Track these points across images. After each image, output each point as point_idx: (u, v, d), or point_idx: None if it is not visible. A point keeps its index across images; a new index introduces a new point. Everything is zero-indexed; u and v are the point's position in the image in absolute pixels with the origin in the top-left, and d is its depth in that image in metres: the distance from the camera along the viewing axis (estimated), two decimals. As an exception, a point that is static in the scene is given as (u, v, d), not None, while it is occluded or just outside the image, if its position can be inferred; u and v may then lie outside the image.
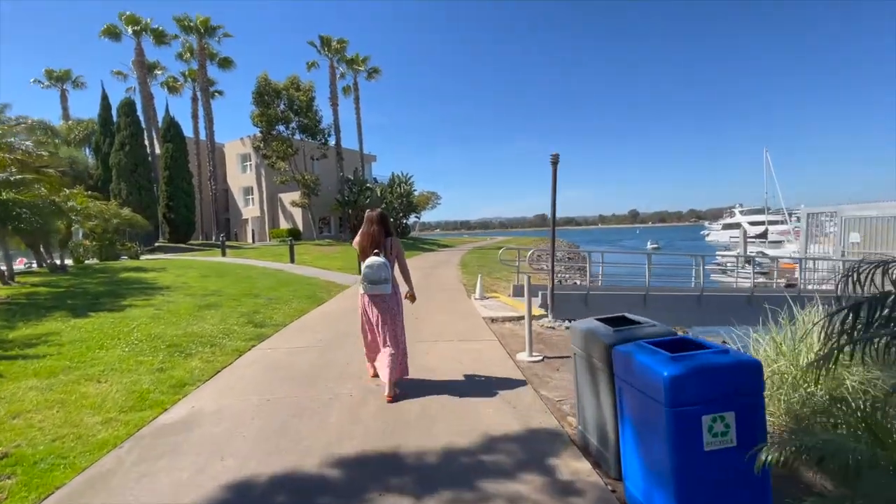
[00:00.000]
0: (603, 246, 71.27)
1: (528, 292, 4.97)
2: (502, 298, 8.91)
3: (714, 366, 1.99)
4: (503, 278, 13.56)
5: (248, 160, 37.32)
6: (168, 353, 5.01)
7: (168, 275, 11.51)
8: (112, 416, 3.40)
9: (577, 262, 28.58)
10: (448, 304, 8.30)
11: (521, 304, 7.98)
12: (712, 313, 8.74)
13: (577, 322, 3.01)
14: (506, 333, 6.06)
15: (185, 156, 26.81)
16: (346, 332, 6.09)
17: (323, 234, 35.38)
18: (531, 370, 4.51)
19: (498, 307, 7.86)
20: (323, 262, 17.85)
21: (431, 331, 6.05)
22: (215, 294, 8.90)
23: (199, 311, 7.22)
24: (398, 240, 4.08)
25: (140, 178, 24.20)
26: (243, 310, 7.50)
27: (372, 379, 4.14)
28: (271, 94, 29.17)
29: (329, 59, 32.25)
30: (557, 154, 6.39)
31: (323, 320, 7.03)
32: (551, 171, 6.45)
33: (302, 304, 8.34)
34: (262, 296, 9.01)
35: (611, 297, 8.34)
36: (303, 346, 5.43)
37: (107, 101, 26.99)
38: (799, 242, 32.82)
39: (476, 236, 75.48)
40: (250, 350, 5.29)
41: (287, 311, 7.66)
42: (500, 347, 5.26)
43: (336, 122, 32.58)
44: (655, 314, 8.10)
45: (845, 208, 11.84)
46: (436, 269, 15.93)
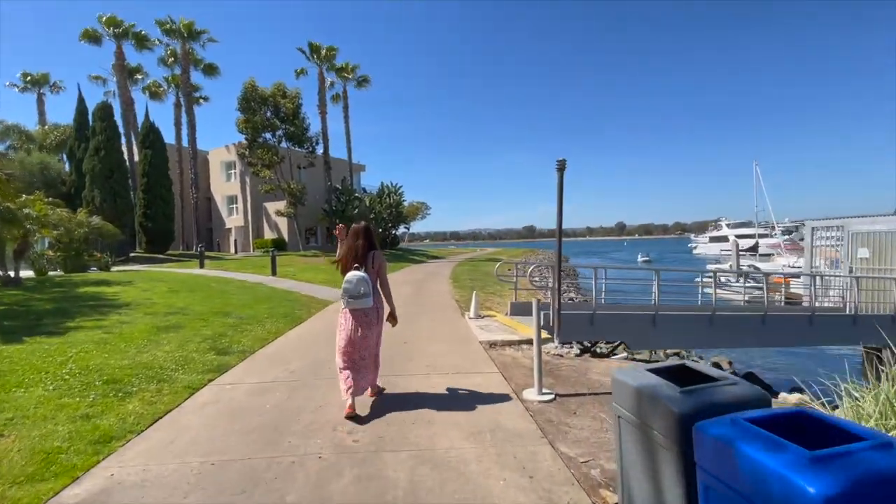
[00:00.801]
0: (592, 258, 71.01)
1: (538, 318, 4.21)
2: (499, 318, 8.16)
3: (888, 475, 1.24)
4: (496, 293, 12.83)
5: (233, 168, 36.30)
6: (103, 391, 4.12)
7: (133, 289, 10.51)
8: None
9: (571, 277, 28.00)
10: (441, 326, 7.51)
11: (521, 325, 7.24)
12: (725, 334, 8.10)
13: (625, 372, 2.25)
14: (508, 363, 5.29)
15: (164, 162, 25.74)
16: (324, 360, 5.26)
17: (309, 245, 34.35)
18: (543, 414, 3.74)
19: (496, 328, 7.10)
20: (307, 274, 16.93)
21: (423, 360, 5.25)
22: (180, 313, 7.98)
23: (156, 335, 6.31)
24: (381, 254, 3.91)
25: (115, 184, 23.05)
26: (208, 332, 6.61)
27: (348, 433, 3.32)
28: (257, 101, 28.36)
29: (318, 67, 31.61)
30: (564, 160, 5.71)
31: (298, 345, 6.18)
32: (557, 178, 5.76)
33: (277, 325, 7.47)
34: (234, 314, 8.11)
35: (618, 317, 7.64)
36: (269, 380, 4.59)
37: (83, 104, 25.89)
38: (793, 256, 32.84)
39: (465, 247, 74.93)
40: (206, 386, 4.43)
41: (259, 333, 6.78)
42: (503, 382, 4.48)
43: (324, 131, 31.84)
44: (665, 336, 7.42)
45: (852, 222, 11.41)
46: (426, 282, 15.13)
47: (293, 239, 32.59)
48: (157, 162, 25.08)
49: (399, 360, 5.17)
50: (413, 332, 6.83)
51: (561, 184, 5.75)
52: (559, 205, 5.79)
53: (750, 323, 8.29)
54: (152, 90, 32.34)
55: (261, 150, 28.38)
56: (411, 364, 5.10)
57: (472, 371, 4.85)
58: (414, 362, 5.17)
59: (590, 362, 5.50)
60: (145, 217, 24.77)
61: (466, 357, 5.43)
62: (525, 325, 7.24)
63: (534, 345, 4.23)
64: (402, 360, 5.24)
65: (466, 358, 5.38)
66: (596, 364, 5.43)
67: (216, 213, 37.89)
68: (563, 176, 5.75)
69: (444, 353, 5.62)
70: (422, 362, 5.17)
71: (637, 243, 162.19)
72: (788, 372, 11.37)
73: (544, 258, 42.07)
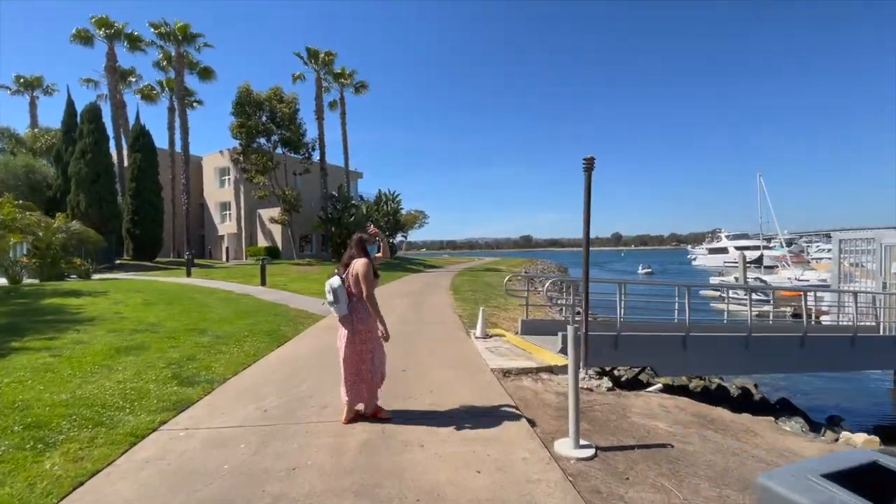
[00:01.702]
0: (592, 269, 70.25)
1: (576, 349, 3.34)
2: (509, 337, 7.28)
3: None
4: (501, 307, 11.95)
5: (227, 174, 35.48)
6: (19, 441, 3.22)
7: (104, 301, 9.58)
8: None
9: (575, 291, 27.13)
10: (444, 347, 6.61)
11: (535, 347, 6.36)
12: (762, 358, 7.24)
13: (780, 479, 1.38)
14: (528, 399, 4.40)
15: (154, 167, 24.88)
16: (307, 394, 4.36)
17: (304, 253, 33.42)
18: (587, 480, 2.86)
19: (508, 351, 6.21)
20: (299, 284, 16.01)
21: (425, 396, 4.35)
22: (149, 330, 7.06)
23: (112, 359, 5.39)
24: (362, 262, 3.57)
25: (102, 189, 22.13)
26: (175, 355, 5.69)
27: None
28: (252, 105, 27.63)
29: (316, 72, 30.99)
30: (592, 158, 4.90)
31: (279, 372, 5.27)
32: (584, 178, 4.94)
33: (257, 344, 6.55)
34: (210, 332, 7.19)
35: (644, 339, 6.78)
36: (235, 424, 3.68)
37: (72, 107, 25.10)
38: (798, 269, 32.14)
39: (462, 256, 74.00)
40: (154, 432, 3.52)
41: (234, 356, 5.87)
42: (527, 429, 3.60)
43: (321, 137, 31.13)
44: (697, 359, 6.55)
45: (884, 233, 10.63)
46: (425, 294, 14.23)
47: (287, 247, 31.67)
48: (147, 166, 24.22)
49: (396, 395, 4.28)
50: (412, 355, 5.94)
51: (589, 185, 4.93)
52: (586, 209, 4.96)
53: (787, 345, 7.45)
54: (145, 93, 31.60)
55: (255, 156, 27.59)
56: (411, 401, 4.20)
57: (486, 412, 3.96)
58: (414, 399, 4.27)
59: (626, 398, 4.62)
60: (133, 223, 23.83)
61: (477, 390, 4.54)
62: (539, 348, 6.37)
63: (569, 382, 3.36)
64: (400, 394, 4.35)
65: (477, 392, 4.49)
66: (633, 401, 4.55)
67: (209, 219, 36.98)
68: (591, 176, 4.93)
69: (451, 384, 4.73)
70: (424, 399, 4.27)
71: (634, 254, 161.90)
72: (819, 395, 10.51)
73: (544, 268, 41.27)
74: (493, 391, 4.54)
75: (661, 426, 3.82)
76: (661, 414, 4.17)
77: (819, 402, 9.98)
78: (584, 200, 4.94)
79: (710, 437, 3.64)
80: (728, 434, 3.78)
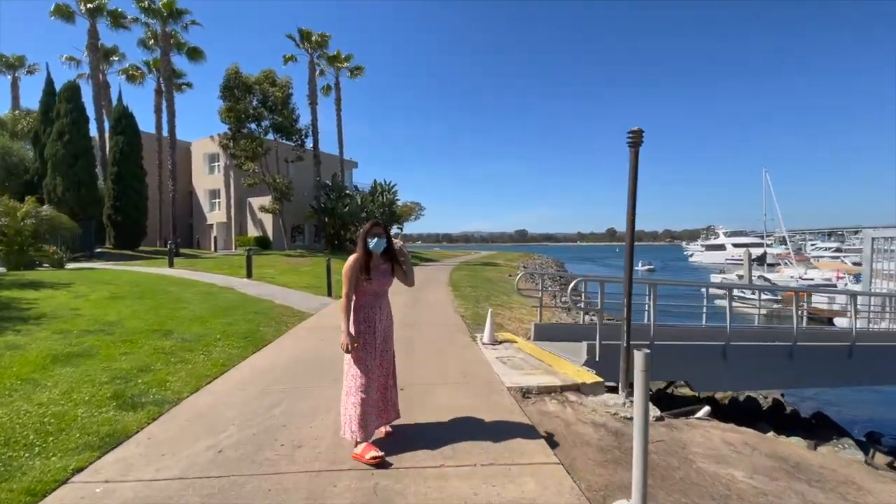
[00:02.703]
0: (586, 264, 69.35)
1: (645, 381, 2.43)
2: (521, 344, 6.37)
3: None
4: (505, 305, 11.06)
5: (216, 160, 34.18)
6: None
7: (64, 295, 8.56)
8: None
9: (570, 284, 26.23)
10: (447, 357, 5.68)
11: (552, 356, 5.46)
12: (808, 370, 6.40)
13: None
14: (560, 431, 3.49)
15: (137, 150, 23.59)
16: (280, 424, 3.43)
17: (296, 244, 32.34)
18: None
19: (522, 363, 5.30)
20: (288, 277, 15.00)
21: (429, 431, 3.42)
22: (103, 331, 6.07)
23: (43, 370, 4.41)
24: (351, 258, 3.05)
25: (80, 172, 20.87)
26: (125, 365, 4.72)
27: None
28: (241, 88, 26.33)
29: (308, 55, 29.65)
30: (640, 131, 3.95)
31: (248, 390, 4.32)
32: (630, 156, 4.00)
33: (229, 350, 5.59)
34: (176, 333, 6.22)
35: (680, 349, 5.89)
36: (175, 476, 2.73)
37: (51, 86, 23.68)
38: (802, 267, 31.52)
39: (458, 250, 73.00)
40: (60, 488, 2.56)
41: (199, 366, 4.91)
42: (566, 484, 2.68)
43: (314, 123, 29.86)
44: (738, 372, 5.63)
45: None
46: (422, 291, 13.29)
47: (278, 237, 30.55)
48: (130, 150, 22.94)
49: (394, 428, 3.35)
50: (412, 367, 5.01)
51: (635, 164, 3.99)
52: (631, 193, 4.02)
53: (834, 355, 6.61)
54: (130, 74, 30.13)
55: (244, 141, 26.35)
56: (414, 437, 3.27)
57: (509, 454, 3.03)
58: (416, 433, 3.34)
59: (680, 431, 3.72)
60: (114, 209, 22.59)
61: (494, 420, 3.61)
62: (559, 358, 5.46)
63: (636, 427, 2.44)
64: (399, 427, 3.42)
65: (494, 422, 3.57)
66: (690, 435, 3.65)
67: (197, 207, 35.71)
68: (637, 153, 3.99)
69: (459, 408, 3.81)
70: (426, 432, 3.34)
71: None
72: (847, 405, 9.73)
73: (542, 263, 40.42)
74: (512, 420, 3.62)
75: (738, 476, 2.93)
76: (732, 456, 3.28)
77: (850, 412, 9.21)
78: (629, 182, 4.00)
79: (810, 497, 2.75)
80: (828, 489, 2.89)
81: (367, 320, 3.02)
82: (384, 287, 3.11)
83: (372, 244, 3.00)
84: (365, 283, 2.99)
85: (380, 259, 3.07)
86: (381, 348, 3.09)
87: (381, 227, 3.08)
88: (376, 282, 3.03)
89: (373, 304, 3.05)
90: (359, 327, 3.00)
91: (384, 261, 3.08)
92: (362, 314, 3.02)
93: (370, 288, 3.02)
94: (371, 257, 3.03)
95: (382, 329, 3.10)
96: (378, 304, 3.08)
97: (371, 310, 3.04)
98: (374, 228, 3.05)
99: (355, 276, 2.96)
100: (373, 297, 3.05)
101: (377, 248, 3.01)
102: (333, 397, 3.85)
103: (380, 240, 3.02)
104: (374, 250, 3.02)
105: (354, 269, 2.95)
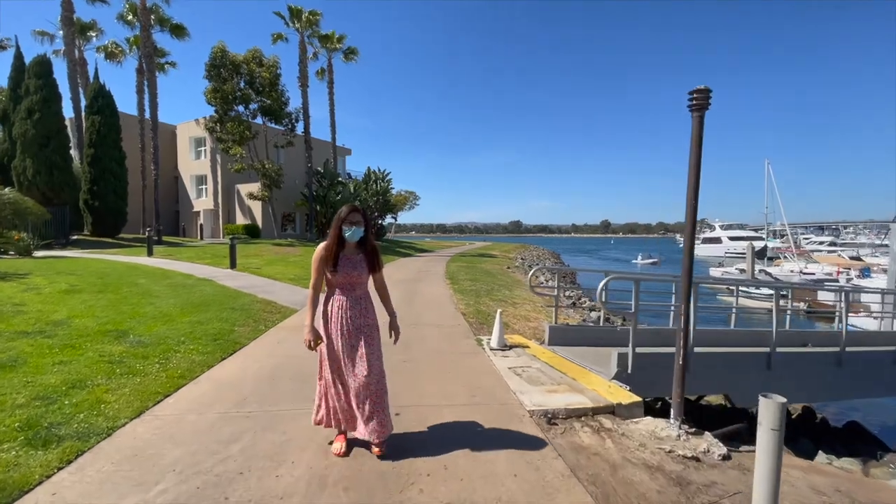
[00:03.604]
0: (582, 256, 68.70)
1: (776, 460, 1.59)
2: (533, 349, 5.54)
3: None
4: (508, 301, 10.24)
5: (203, 145, 32.80)
6: None
7: (13, 287, 7.57)
8: None
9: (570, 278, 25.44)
10: (452, 366, 4.83)
11: (572, 366, 4.65)
12: (856, 379, 5.66)
13: None
14: (604, 477, 2.66)
15: (116, 131, 22.26)
16: (235, 472, 2.55)
17: (286, 233, 31.26)
18: None
19: (540, 374, 4.47)
20: (275, 268, 14.06)
21: (436, 479, 2.57)
22: (44, 332, 5.14)
23: (-55, 386, 3.49)
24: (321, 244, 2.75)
25: (52, 153, 19.55)
26: (54, 379, 3.81)
27: None
28: (228, 68, 25.00)
29: (299, 34, 28.24)
30: (706, 89, 3.08)
31: (204, 415, 3.44)
32: (692, 122, 3.14)
33: (192, 357, 4.69)
34: (133, 335, 5.30)
35: (720, 357, 5.10)
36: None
37: (20, 60, 22.14)
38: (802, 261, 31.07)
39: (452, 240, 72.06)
40: None
41: (149, 378, 4.01)
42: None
43: (305, 106, 28.56)
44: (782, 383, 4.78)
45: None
46: (418, 284, 12.43)
47: (268, 225, 29.45)
48: (107, 131, 21.60)
49: (389, 473, 2.51)
50: (410, 381, 4.16)
51: (699, 133, 3.13)
52: (694, 168, 3.16)
53: (882, 362, 5.88)
54: (109, 51, 28.53)
55: (231, 124, 25.09)
56: (412, 485, 2.43)
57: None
58: (418, 480, 2.50)
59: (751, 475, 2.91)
60: (91, 194, 21.32)
61: (518, 462, 2.78)
62: (582, 369, 4.65)
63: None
64: (393, 469, 2.57)
65: (520, 466, 2.73)
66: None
67: (184, 194, 34.36)
68: (702, 120, 3.13)
69: (471, 439, 2.97)
70: (431, 487, 2.50)
71: (623, 241, 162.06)
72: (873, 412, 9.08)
73: (539, 255, 39.68)
74: (544, 463, 2.78)
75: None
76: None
77: (878, 419, 8.55)
78: (691, 156, 3.14)
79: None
80: None
81: (330, 316, 2.73)
82: (352, 280, 2.75)
83: (348, 234, 2.71)
84: (329, 275, 2.72)
85: (353, 249, 2.79)
86: (349, 353, 2.72)
87: (360, 213, 2.76)
88: (343, 274, 2.71)
89: (339, 298, 2.73)
90: (324, 323, 2.76)
91: (358, 251, 2.80)
92: (325, 309, 2.77)
93: (336, 280, 2.72)
94: (343, 247, 2.74)
95: (352, 329, 2.72)
96: (346, 298, 2.74)
97: (335, 305, 2.73)
98: (352, 215, 2.72)
99: (322, 265, 2.71)
100: (340, 290, 2.74)
101: (353, 237, 2.74)
102: (310, 428, 3.01)
103: (357, 228, 2.73)
104: (350, 240, 2.75)
105: (322, 259, 2.70)
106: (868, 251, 37.61)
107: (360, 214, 2.74)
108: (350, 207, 2.72)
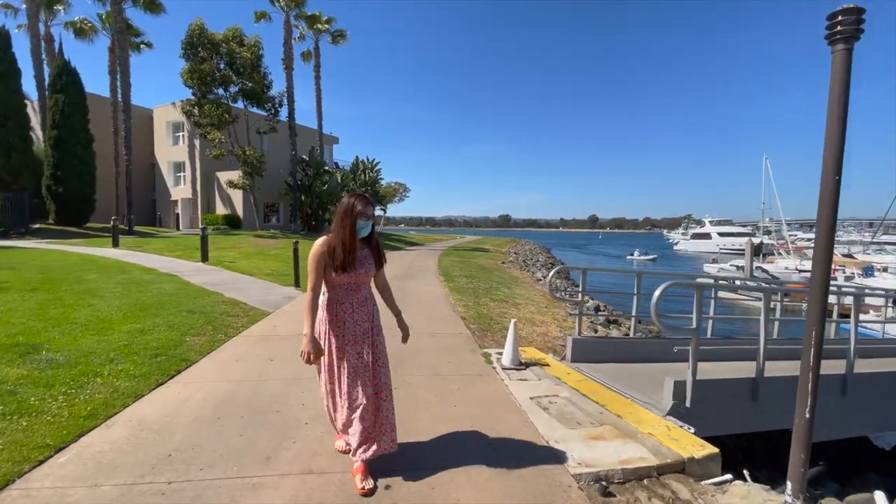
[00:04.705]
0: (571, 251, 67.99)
1: None
2: (554, 367, 4.52)
3: None
4: (508, 301, 9.24)
5: (181, 130, 31.04)
6: None
7: (-77, 284, 6.30)
8: None
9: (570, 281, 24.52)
10: (456, 399, 3.77)
11: (611, 393, 3.63)
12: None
13: None
14: None
15: (82, 112, 20.58)
16: None
17: (269, 224, 29.84)
18: None
19: (571, 406, 3.44)
20: (252, 261, 12.84)
21: None
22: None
23: None
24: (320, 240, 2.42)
25: (10, 134, 17.92)
26: None
27: None
28: (206, 47, 23.39)
29: (284, 13, 26.66)
30: (857, 8, 2.03)
31: (97, 490, 2.33)
32: (833, 60, 2.09)
33: (116, 383, 3.55)
34: (47, 350, 4.13)
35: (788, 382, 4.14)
36: None
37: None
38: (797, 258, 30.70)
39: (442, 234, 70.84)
40: None
41: (40, 420, 2.88)
42: None
43: (290, 90, 27.03)
44: (859, 412, 3.91)
45: None
46: (411, 281, 11.34)
47: (249, 216, 27.97)
48: (72, 111, 19.91)
49: None
50: (404, 421, 3.10)
51: (845, 72, 2.09)
52: (838, 119, 2.12)
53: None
54: (79, 27, 26.51)
55: (209, 107, 23.51)
56: None
57: None
58: None
59: None
60: (55, 180, 19.66)
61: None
62: (620, 395, 3.64)
63: None
64: None
65: None
66: None
67: (160, 181, 32.60)
68: (850, 54, 2.08)
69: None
70: None
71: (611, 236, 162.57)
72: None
73: (531, 249, 38.79)
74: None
75: None
76: None
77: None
78: (830, 113, 2.09)
79: None
80: None
81: (333, 322, 2.41)
82: (359, 279, 2.44)
83: (364, 230, 2.40)
84: (334, 275, 2.36)
85: (360, 244, 2.46)
86: (355, 359, 2.40)
87: (372, 204, 2.46)
88: (351, 273, 2.38)
89: (344, 299, 2.42)
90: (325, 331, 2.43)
91: (363, 246, 2.49)
92: (326, 314, 2.43)
93: (340, 280, 2.38)
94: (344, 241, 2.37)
95: (359, 334, 2.42)
96: (351, 300, 2.43)
97: (339, 309, 2.41)
98: (368, 207, 2.41)
99: (324, 265, 2.35)
100: (343, 291, 2.42)
101: (364, 232, 2.43)
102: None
103: (369, 222, 2.45)
104: (361, 235, 2.42)
105: (324, 258, 2.34)
106: (859, 248, 37.51)
107: (373, 207, 2.46)
108: (364, 199, 2.41)
